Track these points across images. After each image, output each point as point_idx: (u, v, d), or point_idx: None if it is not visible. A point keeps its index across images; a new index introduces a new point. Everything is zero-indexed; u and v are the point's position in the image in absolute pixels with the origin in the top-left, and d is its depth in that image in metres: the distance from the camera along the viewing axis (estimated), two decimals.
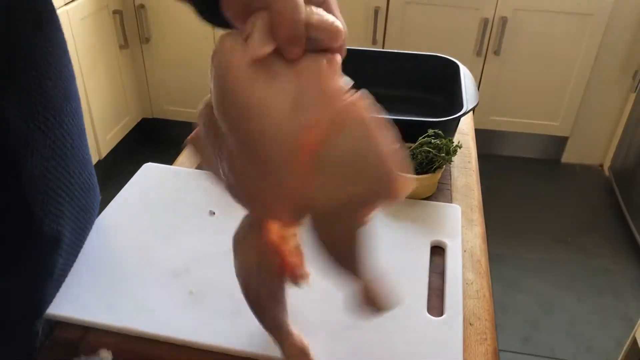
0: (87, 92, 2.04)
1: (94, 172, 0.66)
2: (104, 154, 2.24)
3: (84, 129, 0.61)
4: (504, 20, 2.22)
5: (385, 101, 1.08)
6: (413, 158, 0.79)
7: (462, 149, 0.88)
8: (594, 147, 2.56)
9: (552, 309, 1.85)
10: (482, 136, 1.01)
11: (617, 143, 2.42)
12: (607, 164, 2.53)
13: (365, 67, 1.07)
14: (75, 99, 0.55)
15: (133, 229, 0.72)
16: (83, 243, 0.65)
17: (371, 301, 0.38)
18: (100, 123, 2.18)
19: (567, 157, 2.61)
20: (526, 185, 2.48)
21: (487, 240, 0.75)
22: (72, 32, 1.94)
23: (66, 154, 0.54)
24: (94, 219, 0.68)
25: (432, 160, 0.78)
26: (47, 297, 0.59)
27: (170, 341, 0.57)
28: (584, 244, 2.14)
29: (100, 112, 2.16)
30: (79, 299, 0.61)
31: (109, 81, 2.21)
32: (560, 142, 2.58)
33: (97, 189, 0.69)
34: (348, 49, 1.21)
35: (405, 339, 0.58)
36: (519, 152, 2.64)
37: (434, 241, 0.72)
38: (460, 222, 0.75)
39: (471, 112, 0.94)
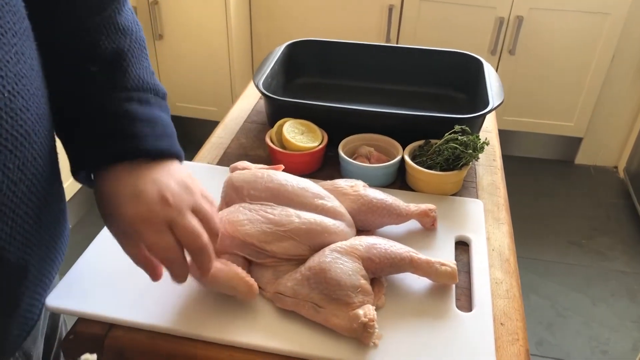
0: None
1: (65, 200, 0.61)
2: None
3: (57, 155, 0.56)
4: (519, 19, 2.20)
5: (406, 97, 1.07)
6: (439, 154, 0.78)
7: (486, 146, 0.87)
8: (609, 149, 2.54)
9: (566, 311, 1.83)
10: None
11: (633, 144, 2.39)
12: (622, 166, 2.50)
13: (387, 63, 1.06)
14: (47, 121, 0.51)
15: None
16: (53, 276, 0.60)
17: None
18: None
19: (582, 158, 2.58)
20: (540, 186, 2.45)
21: None
22: None
23: (37, 178, 0.49)
24: (64, 249, 0.62)
25: (458, 157, 0.77)
26: (11, 333, 0.54)
27: (192, 337, 0.57)
28: (598, 246, 2.11)
29: None
30: (103, 296, 0.60)
31: None
32: (574, 143, 2.55)
33: (67, 218, 0.63)
34: (372, 45, 1.20)
35: (436, 334, 0.57)
36: (533, 153, 2.62)
37: (458, 236, 0.71)
38: (483, 217, 0.74)
39: (494, 110, 0.92)
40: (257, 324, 0.57)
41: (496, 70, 2.34)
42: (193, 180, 0.53)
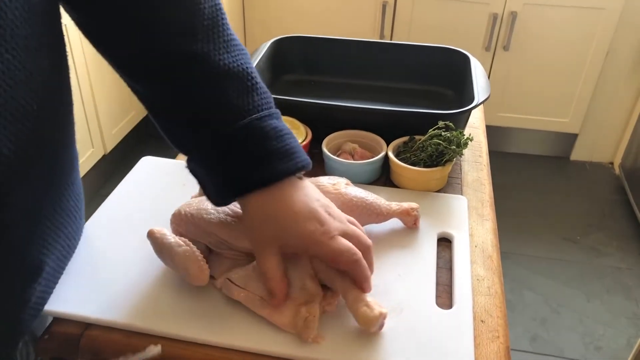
0: (92, 87, 2.03)
1: (82, 195, 0.62)
2: (109, 149, 2.23)
3: (77, 154, 0.57)
4: (513, 15, 2.20)
5: (394, 94, 1.07)
6: (423, 150, 0.77)
7: (472, 142, 0.86)
8: (604, 145, 2.53)
9: (561, 307, 1.83)
10: (490, 133, 0.99)
11: (628, 140, 2.39)
12: (617, 162, 2.50)
13: (374, 59, 1.05)
14: (71, 126, 0.52)
15: (132, 222, 0.70)
16: (64, 269, 0.61)
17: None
18: (106, 117, 2.17)
19: (577, 154, 2.57)
20: (535, 182, 2.45)
21: None
22: None
23: (55, 183, 0.50)
24: (77, 245, 0.64)
25: (442, 153, 0.76)
26: (23, 325, 0.54)
27: (172, 337, 0.56)
28: (593, 242, 2.11)
29: (106, 107, 2.15)
30: (79, 295, 0.59)
31: (114, 75, 2.17)
32: (569, 139, 2.55)
33: (83, 213, 0.65)
34: (358, 41, 1.18)
35: (414, 331, 0.56)
36: (528, 149, 2.61)
37: (441, 233, 0.70)
38: (466, 214, 0.73)
39: (481, 106, 0.92)
40: (236, 324, 0.57)
41: (490, 67, 2.33)
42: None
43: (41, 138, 0.45)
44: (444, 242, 0.70)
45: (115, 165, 2.31)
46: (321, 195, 0.57)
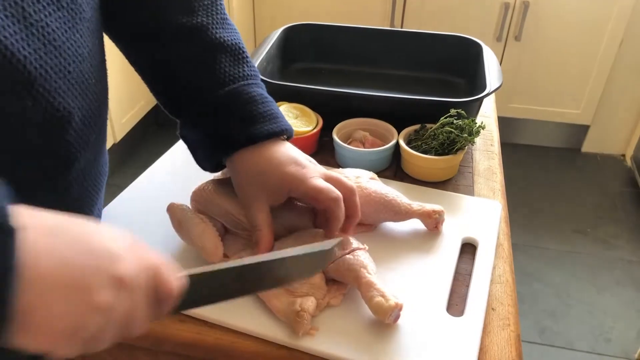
0: None
1: (107, 162, 0.68)
2: (118, 138, 2.24)
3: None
4: (525, 5, 2.17)
5: (405, 82, 1.06)
6: (434, 139, 0.77)
7: (484, 131, 0.85)
8: (616, 136, 2.50)
9: (570, 299, 1.82)
10: (501, 124, 0.98)
11: None
12: (629, 154, 2.47)
13: (385, 47, 1.04)
14: (107, 100, 0.58)
15: (159, 199, 0.69)
16: None
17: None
18: (116, 107, 2.17)
19: (588, 146, 2.55)
20: (545, 174, 2.43)
21: None
22: None
23: (101, 150, 0.56)
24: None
25: (453, 141, 0.75)
26: None
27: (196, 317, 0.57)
28: (604, 234, 2.10)
29: (116, 96, 2.16)
30: None
31: (124, 64, 2.17)
32: (581, 131, 2.52)
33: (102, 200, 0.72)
34: (369, 29, 1.18)
35: (416, 334, 0.55)
36: (539, 141, 2.59)
37: (466, 238, 0.67)
38: (498, 220, 0.70)
39: (493, 95, 0.91)
40: (243, 305, 0.57)
41: (502, 57, 2.31)
42: None
43: (97, 109, 0.50)
44: (469, 248, 0.68)
45: (125, 154, 2.32)
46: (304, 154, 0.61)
